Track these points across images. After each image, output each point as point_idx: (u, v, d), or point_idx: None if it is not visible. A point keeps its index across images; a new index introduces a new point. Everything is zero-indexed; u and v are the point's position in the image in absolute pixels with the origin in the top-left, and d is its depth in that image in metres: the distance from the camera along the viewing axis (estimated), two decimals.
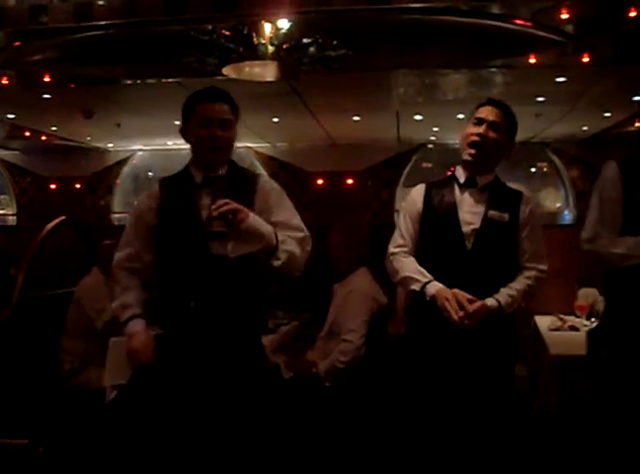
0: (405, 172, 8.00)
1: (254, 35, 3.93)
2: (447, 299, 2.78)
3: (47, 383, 4.55)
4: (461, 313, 2.76)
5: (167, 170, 9.76)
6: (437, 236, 2.98)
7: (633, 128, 6.66)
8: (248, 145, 8.28)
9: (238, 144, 2.81)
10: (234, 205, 2.58)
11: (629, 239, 2.65)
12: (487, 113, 2.98)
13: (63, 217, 5.63)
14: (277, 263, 2.65)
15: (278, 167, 8.41)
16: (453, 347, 2.87)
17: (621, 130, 6.86)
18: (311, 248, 2.79)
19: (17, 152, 8.93)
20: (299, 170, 8.25)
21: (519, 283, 2.93)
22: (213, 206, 2.57)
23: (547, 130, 7.16)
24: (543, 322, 4.85)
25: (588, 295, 4.93)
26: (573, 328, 4.62)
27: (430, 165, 8.23)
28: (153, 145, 8.58)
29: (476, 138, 2.95)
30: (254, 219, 2.63)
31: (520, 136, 7.69)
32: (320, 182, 8.05)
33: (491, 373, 2.92)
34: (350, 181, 7.86)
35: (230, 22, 3.91)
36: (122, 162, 8.82)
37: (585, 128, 7.10)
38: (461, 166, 3.07)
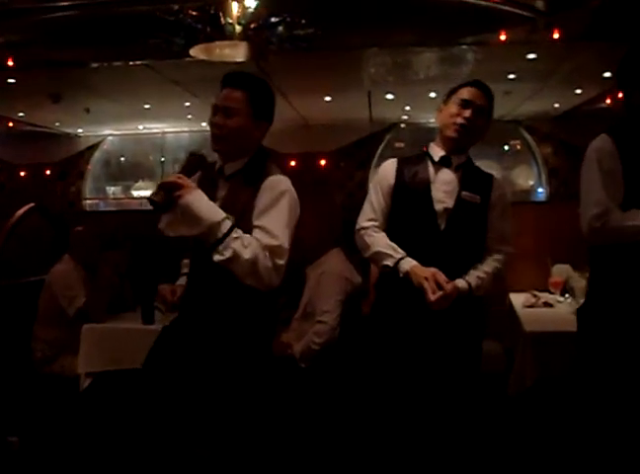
0: (378, 152, 7.99)
1: (221, 14, 3.87)
2: (427, 278, 2.77)
3: (20, 372, 4.50)
4: (440, 293, 2.75)
5: (139, 155, 9.71)
6: (409, 212, 2.95)
7: (604, 105, 6.69)
8: None
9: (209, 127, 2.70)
10: (179, 181, 2.44)
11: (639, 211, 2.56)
12: (474, 95, 2.94)
13: (32, 204, 5.55)
14: (217, 257, 2.40)
15: None
16: (422, 323, 2.86)
17: (593, 107, 6.89)
18: (285, 262, 2.53)
19: None
20: (272, 151, 8.20)
21: (487, 266, 2.93)
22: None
23: (519, 108, 7.18)
24: (518, 299, 4.86)
25: (561, 272, 4.95)
26: (547, 304, 4.63)
27: (402, 145, 8.22)
28: (124, 130, 8.49)
29: (464, 122, 2.91)
30: (197, 200, 2.43)
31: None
32: (293, 163, 8.01)
33: (459, 350, 2.93)
34: (323, 162, 7.84)
35: (197, 1, 3.86)
36: (93, 147, 8.72)
37: (556, 106, 7.13)
38: (438, 143, 3.04)
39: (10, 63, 4.70)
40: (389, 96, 6.45)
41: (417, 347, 2.88)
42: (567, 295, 4.69)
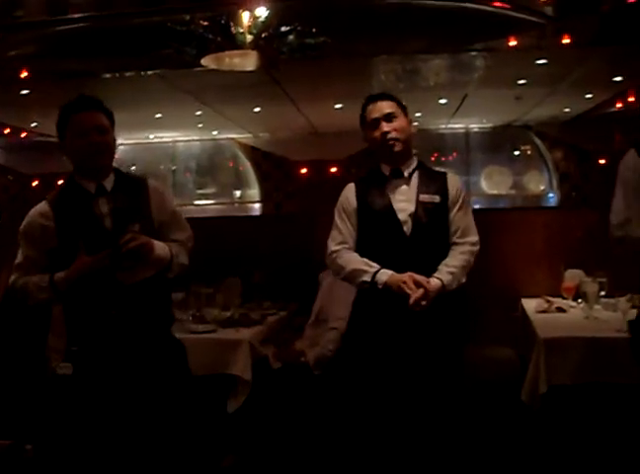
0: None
1: (232, 24, 3.90)
2: (404, 282, 2.81)
3: (35, 381, 4.52)
4: (421, 290, 2.79)
5: (150, 163, 9.74)
6: (375, 230, 3.03)
7: (615, 109, 6.68)
8: (230, 136, 8.22)
9: (220, 135, 2.80)
10: (141, 240, 2.58)
11: None
12: (377, 110, 3.06)
13: None
14: (170, 275, 2.78)
15: (261, 157, 8.38)
16: (404, 332, 2.90)
17: (603, 111, 6.88)
18: (193, 244, 2.92)
19: None
20: (283, 159, 8.23)
21: (456, 260, 2.99)
22: (121, 242, 2.54)
23: (530, 113, 7.17)
24: (530, 305, 4.85)
25: (574, 277, 4.94)
26: (560, 310, 4.63)
27: (413, 151, 8.22)
28: (135, 139, 8.52)
29: (388, 136, 3.02)
30: (157, 247, 2.66)
31: (502, 120, 7.65)
32: (304, 171, 8.04)
33: (441, 355, 2.97)
34: (333, 169, 7.84)
35: (207, 12, 3.89)
36: None
37: (567, 110, 7.11)
38: (382, 161, 3.13)
39: (24, 75, 4.74)
40: None
41: (403, 358, 2.92)
42: (580, 300, 4.68)
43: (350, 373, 3.11)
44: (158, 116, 6.95)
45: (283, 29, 3.96)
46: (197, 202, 9.17)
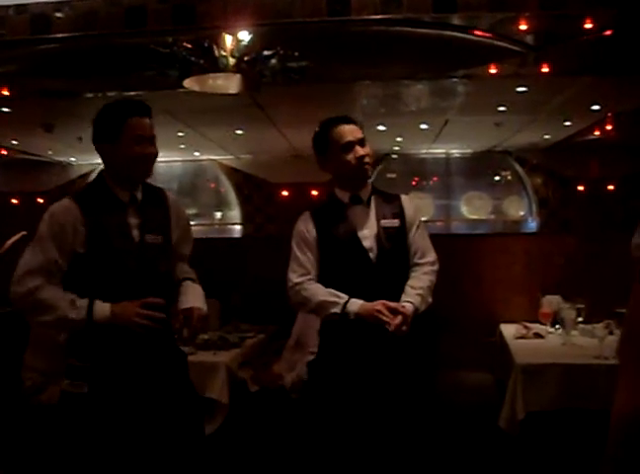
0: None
1: (215, 47, 3.92)
2: (379, 310, 2.79)
3: (8, 403, 4.47)
4: (399, 318, 2.77)
5: None
6: (340, 259, 2.99)
7: (593, 137, 6.77)
8: (212, 157, 8.23)
9: (202, 157, 2.80)
10: (204, 312, 2.73)
11: None
12: (350, 133, 3.02)
13: (24, 233, 5.54)
14: None
15: (242, 179, 8.38)
16: (375, 361, 2.88)
17: (582, 139, 6.96)
18: None
19: None
20: (264, 182, 8.24)
21: (420, 281, 2.98)
22: (194, 315, 2.73)
23: (510, 139, 7.24)
24: (508, 330, 4.88)
25: (551, 303, 4.97)
26: (538, 335, 4.65)
27: (394, 175, 8.27)
28: None
29: (365, 160, 3.01)
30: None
31: (483, 145, 7.73)
32: (285, 193, 8.04)
33: (413, 380, 2.96)
34: (314, 192, 7.85)
35: (191, 34, 3.91)
36: (85, 175, 8.71)
37: (547, 137, 7.19)
38: (341, 187, 3.12)
39: (5, 93, 4.73)
40: (381, 127, 6.49)
41: (372, 386, 2.89)
42: (557, 326, 4.71)
43: (320, 401, 3.06)
44: None
45: (266, 53, 3.99)
46: None
